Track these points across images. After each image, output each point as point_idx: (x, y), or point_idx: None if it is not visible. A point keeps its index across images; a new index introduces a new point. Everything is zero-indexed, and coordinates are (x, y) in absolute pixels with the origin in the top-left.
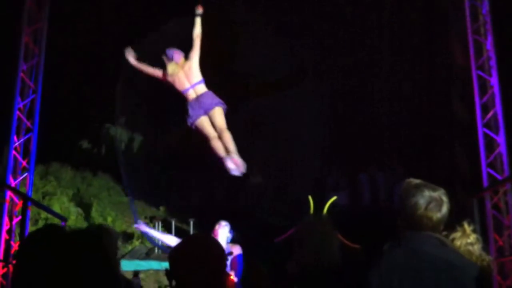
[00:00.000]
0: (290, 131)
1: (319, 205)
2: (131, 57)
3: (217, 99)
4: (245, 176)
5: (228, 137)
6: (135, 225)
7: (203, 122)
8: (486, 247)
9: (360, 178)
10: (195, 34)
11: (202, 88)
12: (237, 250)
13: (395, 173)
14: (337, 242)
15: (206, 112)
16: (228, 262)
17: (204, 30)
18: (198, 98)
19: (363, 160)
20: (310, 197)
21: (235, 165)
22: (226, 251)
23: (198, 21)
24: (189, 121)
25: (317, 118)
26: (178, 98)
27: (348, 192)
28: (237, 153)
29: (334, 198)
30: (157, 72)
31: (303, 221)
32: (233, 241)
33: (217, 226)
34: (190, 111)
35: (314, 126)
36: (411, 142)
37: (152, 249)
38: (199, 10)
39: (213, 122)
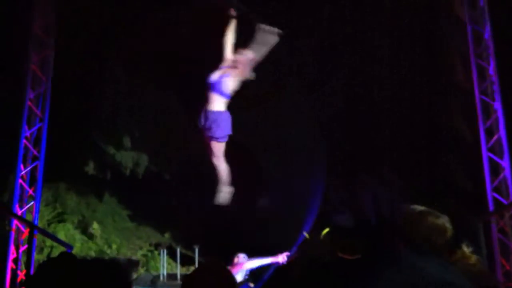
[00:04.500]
0: (285, 145)
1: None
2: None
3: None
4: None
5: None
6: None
7: (224, 146)
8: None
9: (363, 197)
10: (229, 38)
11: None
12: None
13: (395, 189)
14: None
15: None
16: None
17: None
18: (222, 114)
19: (364, 176)
20: (306, 233)
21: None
22: (245, 287)
23: (232, 25)
24: (216, 137)
25: (315, 130)
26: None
27: (350, 211)
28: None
29: (327, 229)
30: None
31: (302, 245)
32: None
33: (236, 259)
34: (221, 128)
35: (310, 139)
36: (411, 156)
37: (157, 277)
38: (232, 13)
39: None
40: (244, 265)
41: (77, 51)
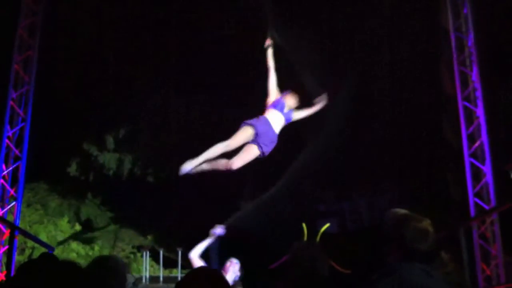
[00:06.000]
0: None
1: (311, 231)
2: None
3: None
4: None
5: None
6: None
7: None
8: (470, 276)
9: (343, 205)
10: (270, 66)
11: None
12: None
13: (387, 198)
14: (326, 267)
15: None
16: None
17: None
18: (269, 126)
19: (353, 186)
20: (304, 225)
21: None
22: None
23: (269, 53)
24: (263, 151)
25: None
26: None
27: (337, 219)
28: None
29: (327, 225)
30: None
31: (294, 247)
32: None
33: (228, 263)
34: (268, 140)
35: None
36: (405, 165)
37: (139, 279)
38: (268, 42)
39: None
40: (229, 269)
41: (64, 50)
